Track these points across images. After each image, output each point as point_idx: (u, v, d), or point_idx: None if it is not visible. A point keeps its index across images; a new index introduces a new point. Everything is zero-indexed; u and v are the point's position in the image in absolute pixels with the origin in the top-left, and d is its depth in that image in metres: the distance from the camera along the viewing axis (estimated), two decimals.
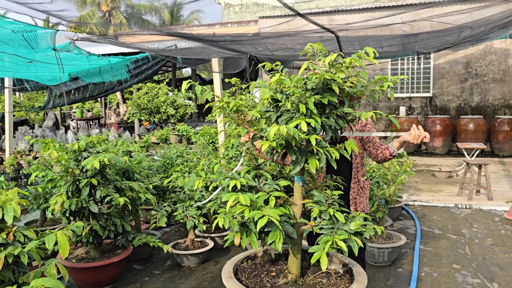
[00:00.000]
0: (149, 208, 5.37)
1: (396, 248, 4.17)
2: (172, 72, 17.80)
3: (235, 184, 2.15)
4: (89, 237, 3.72)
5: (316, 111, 2.08)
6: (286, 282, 2.28)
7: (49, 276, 1.94)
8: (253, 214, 1.98)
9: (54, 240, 1.97)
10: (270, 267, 2.48)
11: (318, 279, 2.33)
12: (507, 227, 5.30)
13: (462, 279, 3.82)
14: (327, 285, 2.27)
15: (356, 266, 2.40)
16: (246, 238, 2.11)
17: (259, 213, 1.98)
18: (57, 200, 3.53)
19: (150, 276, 4.08)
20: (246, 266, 2.50)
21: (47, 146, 3.62)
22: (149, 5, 32.93)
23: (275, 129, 1.94)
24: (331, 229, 2.13)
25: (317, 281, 2.31)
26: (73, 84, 10.77)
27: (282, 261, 2.56)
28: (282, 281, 2.29)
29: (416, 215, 5.82)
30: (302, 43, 7.38)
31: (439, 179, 8.19)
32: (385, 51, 7.68)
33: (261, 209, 2.04)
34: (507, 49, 11.28)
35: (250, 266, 2.50)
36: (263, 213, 1.98)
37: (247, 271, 2.43)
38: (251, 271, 2.44)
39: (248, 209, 2.02)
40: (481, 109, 11.70)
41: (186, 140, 11.59)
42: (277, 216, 1.96)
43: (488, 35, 6.71)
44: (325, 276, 2.36)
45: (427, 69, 12.11)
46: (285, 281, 2.28)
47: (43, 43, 5.77)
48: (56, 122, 16.80)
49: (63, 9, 4.34)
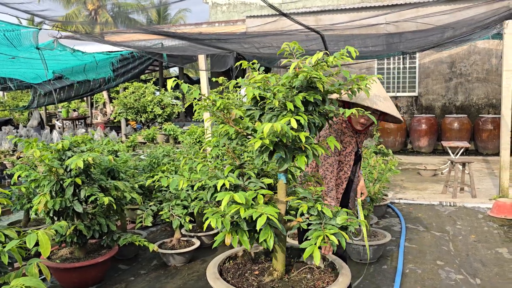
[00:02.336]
0: (135, 207, 5.33)
1: (381, 245, 4.21)
2: (159, 71, 17.68)
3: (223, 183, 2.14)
4: (73, 237, 3.68)
5: (303, 109, 2.10)
6: (272, 279, 2.28)
7: (31, 275, 1.91)
8: (250, 212, 1.97)
9: (35, 239, 1.94)
10: (252, 266, 2.48)
11: (302, 274, 2.35)
12: (490, 224, 5.38)
13: (445, 275, 3.87)
14: (312, 280, 2.28)
15: (337, 260, 2.42)
16: (237, 237, 2.11)
17: (257, 212, 1.97)
18: (41, 200, 3.48)
19: (135, 276, 4.05)
20: (229, 266, 2.50)
21: (30, 145, 3.58)
22: (135, 4, 32.66)
23: (269, 126, 1.93)
24: (319, 224, 2.15)
25: (301, 276, 2.33)
26: (58, 83, 10.64)
27: (262, 259, 2.57)
28: (267, 278, 2.29)
29: (401, 213, 5.88)
30: (288, 42, 7.39)
31: (424, 178, 8.29)
32: (370, 50, 7.74)
33: (255, 207, 2.03)
34: (490, 49, 11.45)
35: (233, 266, 2.50)
36: (261, 211, 1.97)
37: (231, 271, 2.43)
38: (235, 270, 2.44)
39: (243, 207, 2.01)
40: (465, 108, 11.87)
41: (173, 139, 11.53)
42: (275, 214, 1.96)
43: (471, 36, 6.81)
44: (308, 271, 2.38)
45: (413, 68, 12.24)
46: (271, 278, 2.29)
47: (26, 42, 5.69)
48: (41, 122, 16.59)
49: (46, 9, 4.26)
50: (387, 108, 2.69)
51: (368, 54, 8.63)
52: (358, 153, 2.98)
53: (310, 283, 2.25)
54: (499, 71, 11.23)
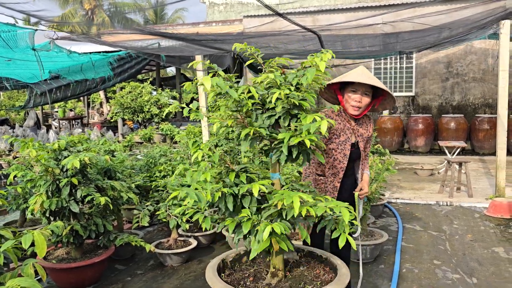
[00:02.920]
0: (132, 207, 5.32)
1: (378, 245, 4.21)
2: (156, 71, 17.66)
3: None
4: (69, 237, 3.67)
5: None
6: (278, 280, 2.25)
7: (26, 276, 1.90)
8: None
9: (31, 239, 1.93)
10: (249, 267, 2.47)
11: (303, 272, 2.35)
12: (487, 223, 5.40)
13: (442, 275, 3.88)
14: (311, 277, 2.28)
15: (332, 257, 2.43)
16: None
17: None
18: (37, 200, 3.47)
19: (132, 276, 4.04)
20: (226, 268, 2.49)
21: (26, 145, 3.56)
22: (132, 4, 32.59)
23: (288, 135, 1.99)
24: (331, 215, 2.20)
25: (299, 273, 2.33)
26: (54, 83, 10.57)
27: (255, 260, 2.55)
28: (268, 277, 2.28)
29: (398, 212, 5.89)
30: (285, 43, 7.41)
31: (421, 177, 8.30)
32: (367, 50, 7.75)
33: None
34: (486, 49, 11.49)
35: (231, 268, 2.49)
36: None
37: (228, 272, 2.42)
38: (232, 272, 2.43)
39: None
40: (462, 108, 11.90)
41: (170, 139, 11.51)
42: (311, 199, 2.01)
43: (467, 36, 6.82)
44: (306, 270, 2.37)
45: (410, 68, 12.27)
46: (277, 279, 2.26)
47: (22, 42, 5.66)
48: (38, 122, 16.53)
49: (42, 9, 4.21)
50: (374, 82, 2.75)
51: (365, 54, 8.65)
52: (356, 145, 2.96)
53: (310, 280, 2.25)
54: (495, 71, 11.26)
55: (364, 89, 2.79)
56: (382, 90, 2.82)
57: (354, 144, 2.93)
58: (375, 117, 12.50)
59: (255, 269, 2.44)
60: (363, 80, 2.70)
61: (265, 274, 2.32)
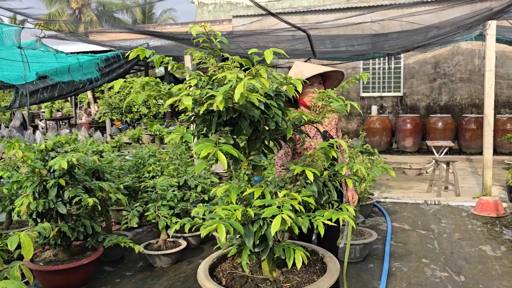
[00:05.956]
0: (121, 208, 5.27)
1: (367, 244, 4.23)
2: (144, 71, 17.52)
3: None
4: (57, 239, 3.62)
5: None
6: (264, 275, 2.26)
7: (13, 278, 1.87)
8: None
9: (17, 241, 1.90)
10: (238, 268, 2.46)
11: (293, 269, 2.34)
12: (474, 222, 5.46)
13: (431, 273, 3.91)
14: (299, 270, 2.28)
15: (320, 249, 2.43)
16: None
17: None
18: (23, 201, 3.41)
19: (121, 277, 4.00)
20: (218, 270, 2.47)
21: (12, 146, 3.50)
22: (120, 3, 32.34)
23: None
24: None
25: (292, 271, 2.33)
26: (41, 83, 10.44)
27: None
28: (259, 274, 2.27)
29: (387, 211, 5.93)
30: (274, 42, 7.41)
31: (410, 176, 8.37)
32: (356, 49, 7.79)
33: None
34: (473, 49, 11.63)
35: (222, 270, 2.47)
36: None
37: (221, 274, 2.40)
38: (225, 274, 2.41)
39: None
40: (449, 108, 12.03)
41: (159, 139, 11.45)
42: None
43: (454, 37, 6.90)
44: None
45: (398, 68, 12.37)
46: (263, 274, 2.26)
47: (7, 40, 5.58)
48: (24, 122, 16.30)
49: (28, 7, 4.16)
50: (324, 68, 2.91)
51: (354, 54, 8.69)
52: (328, 134, 2.98)
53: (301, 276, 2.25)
54: (481, 72, 11.41)
55: (318, 79, 2.94)
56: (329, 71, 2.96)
57: (324, 134, 2.96)
58: (364, 117, 12.58)
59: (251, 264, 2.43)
60: (317, 71, 2.86)
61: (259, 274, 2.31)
